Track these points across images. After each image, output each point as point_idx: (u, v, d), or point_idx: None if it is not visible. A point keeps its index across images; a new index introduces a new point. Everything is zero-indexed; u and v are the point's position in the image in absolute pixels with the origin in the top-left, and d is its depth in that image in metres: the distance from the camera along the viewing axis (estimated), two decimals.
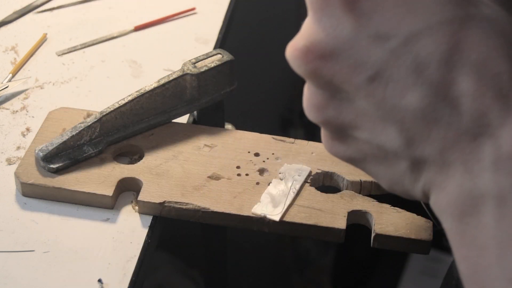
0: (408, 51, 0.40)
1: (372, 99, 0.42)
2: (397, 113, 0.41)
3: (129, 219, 0.69)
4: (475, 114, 0.40)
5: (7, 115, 0.81)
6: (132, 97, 0.74)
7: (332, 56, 0.42)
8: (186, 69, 0.75)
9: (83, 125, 0.72)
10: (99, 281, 0.63)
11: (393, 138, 0.43)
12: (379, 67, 0.41)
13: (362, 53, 0.41)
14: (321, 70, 0.42)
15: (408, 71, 0.40)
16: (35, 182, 0.69)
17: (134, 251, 0.66)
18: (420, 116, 0.41)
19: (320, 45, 0.42)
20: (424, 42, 0.40)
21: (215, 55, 0.77)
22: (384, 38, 0.41)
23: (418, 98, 0.40)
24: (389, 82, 0.41)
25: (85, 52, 0.92)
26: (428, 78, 0.40)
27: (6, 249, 0.66)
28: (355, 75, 0.42)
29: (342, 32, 0.41)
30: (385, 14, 0.41)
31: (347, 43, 0.41)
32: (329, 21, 0.42)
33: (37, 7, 0.99)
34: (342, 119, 0.45)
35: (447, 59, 0.40)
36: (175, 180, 0.70)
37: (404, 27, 0.40)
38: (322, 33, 0.42)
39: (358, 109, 0.43)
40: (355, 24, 0.41)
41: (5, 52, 0.91)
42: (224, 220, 0.68)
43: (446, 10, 0.40)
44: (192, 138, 0.75)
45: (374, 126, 0.43)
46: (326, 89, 0.44)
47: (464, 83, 0.40)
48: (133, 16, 0.98)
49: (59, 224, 0.68)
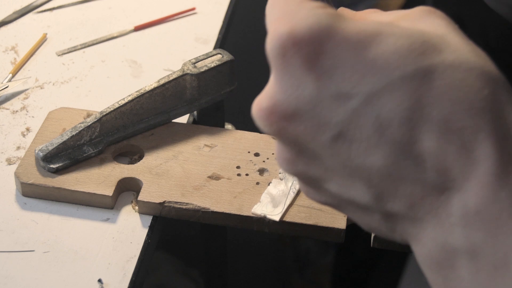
0: (369, 110, 0.40)
1: (337, 158, 0.42)
2: (363, 171, 0.41)
3: (129, 219, 0.69)
4: (440, 170, 0.40)
5: (7, 115, 0.81)
6: (132, 97, 0.74)
7: (295, 117, 0.42)
8: (186, 69, 0.75)
9: (83, 125, 0.72)
10: (99, 281, 0.63)
11: (362, 194, 0.43)
12: (342, 126, 0.41)
13: (325, 113, 0.41)
14: (285, 130, 0.42)
15: (371, 131, 0.40)
16: (35, 182, 0.69)
17: (134, 251, 0.66)
18: (385, 174, 0.41)
19: (282, 106, 0.42)
20: (385, 100, 0.40)
21: (215, 55, 0.77)
22: (346, 98, 0.40)
23: (382, 157, 0.40)
24: (353, 141, 0.41)
25: (85, 52, 0.92)
26: (390, 137, 0.40)
27: (6, 249, 0.66)
28: (319, 135, 0.41)
29: (304, 92, 0.41)
30: (346, 72, 0.40)
31: (309, 103, 0.41)
32: (290, 81, 0.41)
33: (37, 7, 0.99)
34: (311, 174, 0.44)
35: (409, 117, 0.40)
36: (175, 180, 0.70)
37: (365, 85, 0.40)
38: (284, 93, 0.41)
39: (325, 166, 0.43)
40: (316, 84, 0.41)
41: (5, 52, 0.91)
42: (224, 220, 0.68)
43: (406, 63, 0.40)
44: (192, 138, 0.75)
45: (342, 182, 0.43)
46: (293, 147, 0.44)
47: (426, 140, 0.40)
48: (133, 16, 0.98)
49: (59, 224, 0.68)
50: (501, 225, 0.38)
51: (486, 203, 0.39)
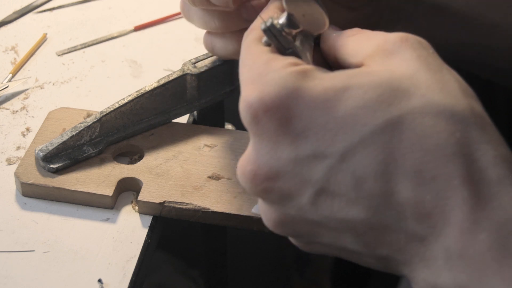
0: (345, 167, 0.41)
1: (322, 212, 0.43)
2: (348, 223, 0.43)
3: (129, 219, 0.69)
4: (419, 218, 0.41)
5: (7, 115, 0.81)
6: (132, 97, 0.74)
7: (277, 177, 0.43)
8: (186, 69, 0.75)
9: (83, 125, 0.72)
10: (99, 281, 0.63)
11: (351, 243, 0.44)
12: (322, 183, 0.42)
13: (304, 172, 0.43)
14: (270, 190, 0.44)
15: (349, 186, 0.42)
16: (35, 182, 0.69)
17: (134, 251, 0.66)
18: (368, 225, 0.42)
19: (264, 168, 0.43)
20: (359, 156, 0.41)
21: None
22: (321, 157, 0.42)
23: (362, 210, 0.42)
24: (334, 196, 0.42)
25: (85, 52, 0.92)
26: (368, 191, 0.41)
27: (6, 249, 0.66)
28: (302, 192, 0.43)
29: (282, 154, 0.43)
30: (318, 132, 0.42)
31: (288, 164, 0.43)
32: (268, 145, 0.43)
33: (37, 7, 0.99)
34: (300, 231, 0.46)
35: (383, 171, 0.41)
36: (175, 180, 0.70)
37: (338, 144, 0.41)
38: (264, 156, 0.43)
39: (312, 221, 0.44)
40: (292, 146, 0.42)
41: (5, 52, 0.91)
42: (224, 220, 0.68)
43: (375, 117, 0.41)
44: (192, 138, 0.75)
45: (331, 235, 0.45)
46: (279, 206, 0.45)
47: (403, 191, 0.41)
48: (133, 16, 0.98)
49: (59, 224, 0.68)
50: (484, 267, 0.39)
51: (466, 247, 0.40)
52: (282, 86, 0.42)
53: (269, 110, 0.42)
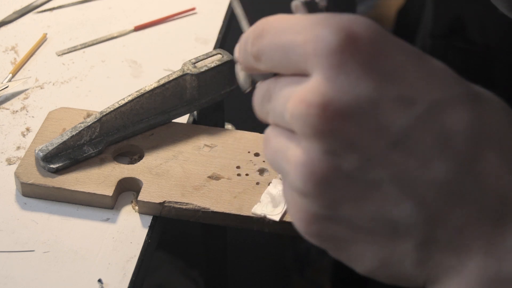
0: (434, 119, 0.37)
1: (392, 168, 0.38)
2: (419, 186, 0.38)
3: (129, 219, 0.69)
4: (500, 193, 0.38)
5: (7, 115, 0.81)
6: (132, 97, 0.74)
7: (353, 116, 0.37)
8: (186, 69, 0.75)
9: (83, 125, 0.72)
10: (99, 281, 0.63)
11: (409, 215, 0.38)
12: (404, 133, 0.37)
13: (386, 117, 0.37)
14: (337, 131, 0.37)
15: (434, 141, 0.37)
16: (35, 182, 0.69)
17: (134, 251, 0.66)
18: (445, 191, 0.38)
19: (339, 103, 0.37)
20: (450, 111, 0.38)
21: (215, 55, 0.77)
22: (409, 103, 0.37)
23: (444, 171, 0.37)
24: (413, 151, 0.37)
25: (85, 52, 0.92)
26: (455, 149, 0.37)
27: (6, 249, 0.66)
28: (377, 139, 0.37)
29: (363, 91, 0.37)
30: (409, 77, 0.38)
31: (369, 103, 0.37)
32: (348, 80, 0.37)
33: (37, 7, 0.99)
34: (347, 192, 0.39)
35: (473, 132, 0.38)
36: (175, 180, 0.70)
37: (429, 93, 0.38)
38: (341, 91, 0.37)
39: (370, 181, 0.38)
40: (377, 85, 0.37)
41: (5, 52, 0.91)
42: (224, 220, 0.68)
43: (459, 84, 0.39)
44: (192, 138, 0.75)
45: (387, 201, 0.38)
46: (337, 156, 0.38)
47: (490, 157, 0.38)
48: (133, 16, 0.98)
49: (59, 224, 0.68)
50: None
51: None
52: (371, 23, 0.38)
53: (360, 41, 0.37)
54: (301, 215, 0.40)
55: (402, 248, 0.39)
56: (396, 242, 0.39)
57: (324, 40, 0.37)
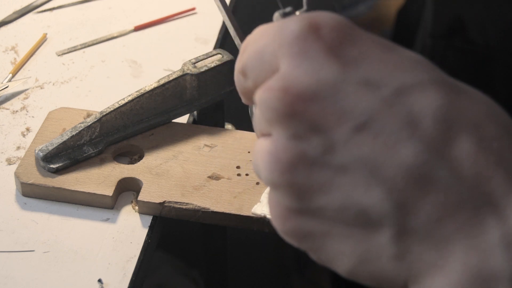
0: (401, 101, 0.36)
1: (357, 152, 0.36)
2: (388, 170, 0.36)
3: (129, 219, 0.69)
4: (477, 179, 0.35)
5: (7, 115, 0.81)
6: (132, 97, 0.74)
7: (315, 99, 0.37)
8: (186, 69, 0.75)
9: (83, 125, 0.72)
10: (99, 281, 0.63)
11: (379, 201, 0.36)
12: (369, 116, 0.36)
13: (350, 99, 0.36)
14: (301, 113, 0.37)
15: (402, 124, 0.36)
16: (35, 182, 0.69)
17: (134, 251, 0.66)
18: (415, 175, 0.35)
19: (301, 86, 0.37)
20: (417, 96, 0.36)
21: (215, 55, 0.77)
22: (375, 86, 0.36)
23: (413, 154, 0.35)
24: (380, 133, 0.36)
25: (85, 52, 0.92)
26: (424, 132, 0.36)
27: (6, 249, 0.66)
28: (341, 123, 0.36)
29: (327, 75, 0.37)
30: (374, 63, 0.37)
31: (332, 87, 0.37)
32: (311, 65, 0.37)
33: (37, 7, 0.99)
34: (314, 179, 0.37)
35: (445, 114, 0.36)
36: (175, 180, 0.70)
37: (396, 78, 0.37)
38: (303, 75, 0.37)
39: (337, 166, 0.37)
40: (341, 69, 0.37)
41: (5, 52, 0.91)
42: (224, 220, 0.68)
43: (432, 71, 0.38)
44: (192, 138, 0.75)
45: (354, 188, 0.37)
46: (301, 140, 0.37)
47: (464, 143, 0.36)
48: (133, 16, 0.98)
49: (59, 224, 0.68)
50: None
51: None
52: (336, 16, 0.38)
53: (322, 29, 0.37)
54: (276, 211, 0.40)
55: (377, 241, 0.37)
56: (371, 234, 0.37)
57: (287, 30, 0.38)
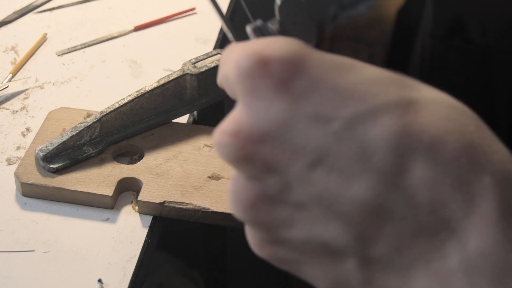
0: (352, 134, 0.36)
1: (313, 189, 0.36)
2: (343, 205, 0.36)
3: (129, 219, 0.69)
4: (434, 205, 0.35)
5: (7, 115, 0.81)
6: (132, 97, 0.74)
7: (265, 140, 0.37)
8: (186, 69, 0.75)
9: (83, 125, 0.72)
10: (99, 281, 0.63)
11: (339, 235, 0.37)
12: (321, 152, 0.36)
13: (301, 137, 0.36)
14: (253, 156, 0.37)
15: (354, 157, 0.36)
16: (35, 182, 0.69)
17: (134, 251, 0.66)
18: (370, 209, 0.36)
19: (251, 128, 0.37)
20: (369, 125, 0.36)
21: (215, 55, 0.77)
22: (325, 120, 0.36)
23: (366, 188, 0.36)
24: (333, 169, 0.36)
25: (85, 52, 0.92)
26: (376, 165, 0.35)
27: (6, 249, 0.66)
28: (294, 161, 0.36)
29: (276, 113, 0.36)
30: (324, 95, 0.36)
31: (282, 125, 0.36)
32: (261, 104, 0.37)
33: (37, 7, 0.99)
34: (275, 217, 0.38)
35: (396, 143, 0.35)
36: (175, 180, 0.70)
37: (346, 109, 0.36)
38: (253, 116, 0.37)
39: (295, 203, 0.37)
40: (291, 106, 0.36)
41: (5, 52, 0.91)
42: (224, 220, 0.68)
43: (390, 91, 0.37)
44: (192, 138, 0.75)
45: (314, 223, 0.37)
46: (258, 181, 0.38)
47: (418, 169, 0.35)
48: (133, 16, 0.98)
49: (59, 224, 0.68)
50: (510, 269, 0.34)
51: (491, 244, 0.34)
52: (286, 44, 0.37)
53: (271, 64, 0.37)
54: (251, 240, 0.41)
55: (345, 269, 0.38)
56: (338, 263, 0.38)
57: (238, 66, 0.38)
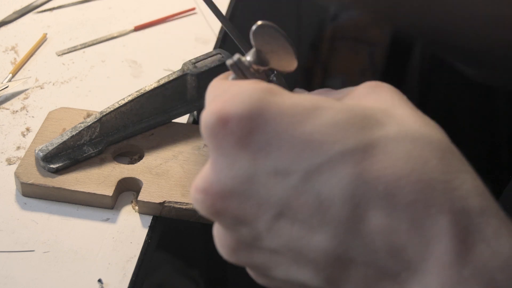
0: (309, 187, 0.37)
1: (280, 239, 0.39)
2: (309, 252, 0.38)
3: (129, 219, 0.69)
4: (392, 250, 0.36)
5: (7, 115, 0.81)
6: (132, 97, 0.74)
7: (232, 197, 0.39)
8: (186, 69, 0.75)
9: (83, 125, 0.72)
10: (99, 281, 0.63)
11: (311, 278, 0.39)
12: (283, 205, 0.38)
13: (263, 192, 0.38)
14: (222, 212, 0.40)
15: (312, 210, 0.37)
16: (35, 182, 0.69)
17: (134, 251, 0.66)
18: (333, 257, 0.37)
19: (218, 186, 0.39)
20: (325, 176, 0.37)
21: (215, 55, 0.77)
22: (284, 175, 0.38)
23: (327, 238, 0.37)
24: (295, 221, 0.38)
25: (85, 52, 0.92)
26: (333, 217, 0.37)
27: (6, 249, 0.66)
28: (260, 214, 0.39)
29: (239, 171, 0.39)
30: (282, 148, 0.38)
31: (245, 182, 0.39)
32: (225, 161, 0.39)
33: (37, 7, 0.99)
34: (254, 261, 0.41)
35: (352, 194, 0.37)
36: (175, 180, 0.70)
37: (304, 161, 0.37)
38: (219, 173, 0.39)
39: (269, 250, 0.40)
40: (251, 162, 0.38)
41: (5, 52, 0.91)
42: None
43: (346, 137, 0.38)
44: (192, 138, 0.75)
45: (288, 267, 0.40)
46: (233, 231, 0.41)
47: (373, 218, 0.37)
48: (133, 16, 0.98)
49: (59, 224, 0.68)
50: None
51: (449, 284, 0.35)
52: (246, 98, 0.39)
53: (230, 122, 0.39)
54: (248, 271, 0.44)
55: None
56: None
57: (204, 124, 0.40)
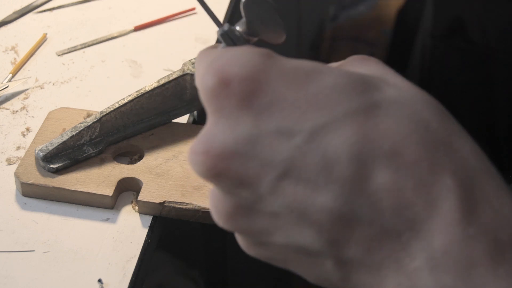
0: (314, 147, 0.37)
1: (283, 200, 0.38)
2: (312, 214, 0.38)
3: (129, 219, 0.69)
4: (398, 209, 0.37)
5: (7, 115, 0.81)
6: (132, 97, 0.74)
7: (234, 157, 0.39)
8: (186, 69, 0.75)
9: (83, 125, 0.72)
10: (99, 281, 0.63)
11: (313, 240, 0.39)
12: (286, 165, 0.38)
13: (267, 152, 0.38)
14: (224, 173, 0.39)
15: (317, 170, 0.37)
16: (35, 182, 0.69)
17: (134, 251, 0.66)
18: (337, 216, 0.37)
19: (220, 147, 0.39)
20: (330, 136, 0.37)
21: None
22: (288, 135, 0.38)
23: (332, 198, 0.37)
24: (299, 181, 0.38)
25: (85, 52, 0.92)
26: (339, 175, 0.37)
27: (6, 249, 0.66)
28: (263, 175, 0.38)
29: (242, 131, 0.38)
30: (286, 108, 0.38)
31: (248, 142, 0.38)
32: (227, 122, 0.39)
33: (37, 7, 0.99)
34: (254, 226, 0.41)
35: (357, 152, 0.37)
36: (175, 180, 0.70)
37: (308, 121, 0.38)
38: (221, 135, 0.39)
39: (269, 213, 0.40)
40: (255, 122, 0.38)
41: (5, 52, 0.91)
42: None
43: (349, 99, 0.38)
44: (192, 138, 0.75)
45: (289, 230, 0.39)
46: (233, 194, 0.40)
47: (379, 176, 0.37)
48: (133, 16, 0.98)
49: (59, 224, 0.68)
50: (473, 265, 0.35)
51: (454, 242, 0.36)
52: (246, 59, 0.39)
53: (232, 83, 0.38)
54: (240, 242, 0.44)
55: (324, 268, 0.40)
56: (317, 263, 0.40)
57: (203, 86, 0.39)
